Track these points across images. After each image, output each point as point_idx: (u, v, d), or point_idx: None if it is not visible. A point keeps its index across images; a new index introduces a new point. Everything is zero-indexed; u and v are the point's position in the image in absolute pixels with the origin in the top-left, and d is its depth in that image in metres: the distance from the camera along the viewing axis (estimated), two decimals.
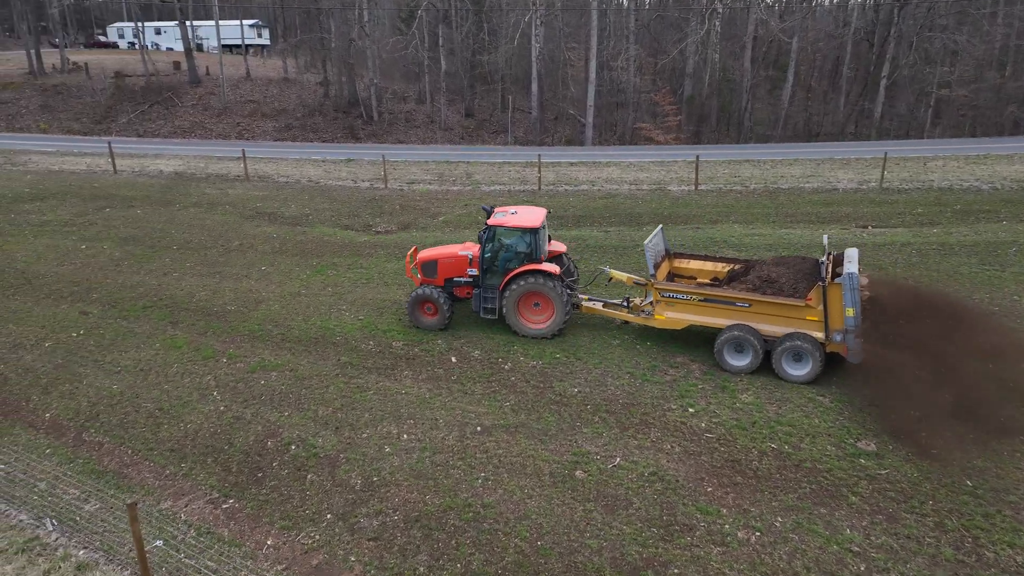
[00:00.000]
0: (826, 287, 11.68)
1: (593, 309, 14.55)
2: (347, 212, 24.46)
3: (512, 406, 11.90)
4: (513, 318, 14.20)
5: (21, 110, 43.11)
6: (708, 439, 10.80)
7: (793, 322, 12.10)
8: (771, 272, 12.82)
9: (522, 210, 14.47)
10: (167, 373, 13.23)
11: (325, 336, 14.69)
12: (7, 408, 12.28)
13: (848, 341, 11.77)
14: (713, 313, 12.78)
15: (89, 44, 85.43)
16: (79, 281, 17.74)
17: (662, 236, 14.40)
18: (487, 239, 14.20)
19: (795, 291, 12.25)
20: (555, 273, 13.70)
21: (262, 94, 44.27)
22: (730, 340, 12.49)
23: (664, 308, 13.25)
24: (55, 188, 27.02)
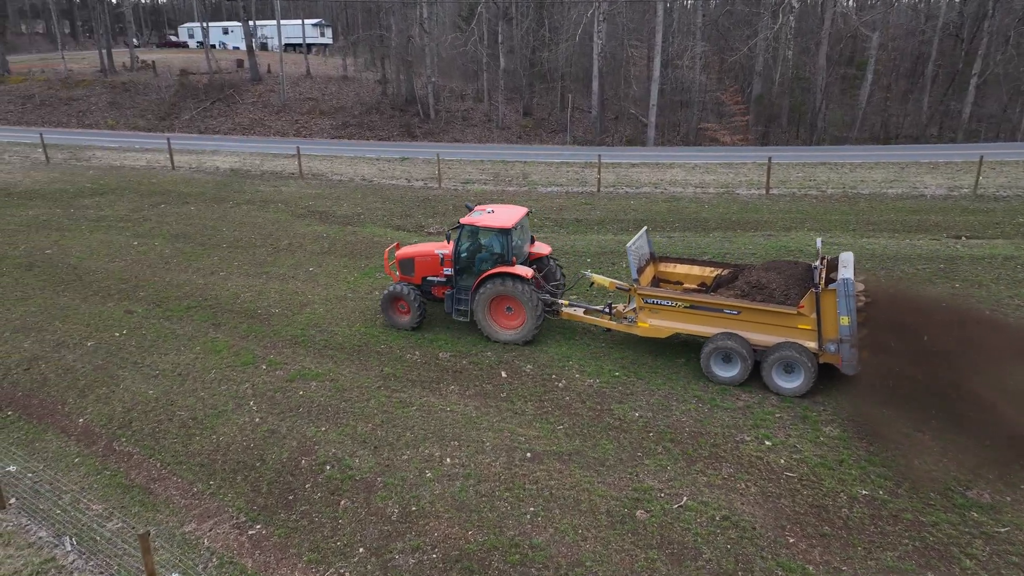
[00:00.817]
0: (819, 294, 10.83)
1: (574, 315, 13.68)
2: (399, 212, 23.78)
3: (566, 430, 10.83)
4: (483, 321, 13.65)
5: (91, 107, 44.23)
6: (788, 479, 9.50)
7: (784, 331, 11.31)
8: (761, 278, 12.04)
9: (500, 209, 13.89)
10: (204, 379, 12.64)
11: (369, 344, 13.90)
12: (43, 411, 11.88)
13: (843, 352, 10.96)
14: (700, 321, 11.97)
15: (161, 44, 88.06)
16: (127, 278, 17.47)
17: (647, 238, 13.75)
18: (459, 238, 13.72)
19: (786, 298, 11.46)
20: (526, 276, 12.98)
21: (321, 92, 44.30)
22: (717, 350, 11.71)
23: (648, 315, 12.48)
24: (114, 183, 27.22)
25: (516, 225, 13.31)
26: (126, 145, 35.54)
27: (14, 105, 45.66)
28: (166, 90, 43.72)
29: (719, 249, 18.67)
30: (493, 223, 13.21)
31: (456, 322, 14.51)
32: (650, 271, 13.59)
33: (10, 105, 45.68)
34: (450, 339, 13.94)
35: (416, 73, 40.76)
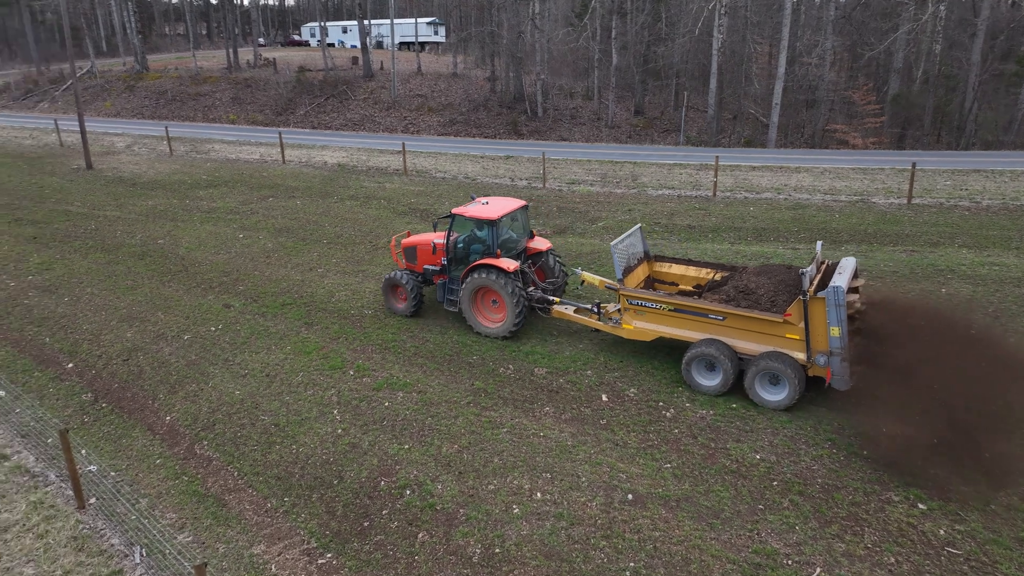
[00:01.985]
0: (807, 301, 10.10)
1: (564, 314, 13.22)
2: None
3: (674, 470, 9.49)
4: (468, 313, 13.59)
5: (216, 102, 46.36)
6: (952, 557, 7.77)
7: (772, 340, 10.68)
8: (750, 282, 11.41)
9: (493, 201, 13.79)
10: (291, 382, 12.16)
11: (461, 353, 13.03)
12: (134, 405, 11.75)
13: (833, 365, 10.18)
14: (684, 325, 11.49)
15: (285, 43, 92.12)
16: (229, 271, 17.51)
17: (640, 236, 13.23)
18: (450, 227, 13.71)
19: (773, 304, 10.84)
20: (507, 270, 12.69)
21: (430, 89, 44.38)
22: (699, 356, 11.15)
23: (632, 317, 12.05)
24: (228, 176, 27.97)
25: (504, 217, 13.12)
26: (243, 139, 36.76)
27: (149, 100, 48.60)
28: (284, 86, 45.14)
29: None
30: (480, 214, 13.05)
31: (553, 337, 13.45)
32: (643, 271, 13.10)
33: (146, 100, 48.66)
34: (546, 353, 12.85)
35: (525, 70, 39.96)
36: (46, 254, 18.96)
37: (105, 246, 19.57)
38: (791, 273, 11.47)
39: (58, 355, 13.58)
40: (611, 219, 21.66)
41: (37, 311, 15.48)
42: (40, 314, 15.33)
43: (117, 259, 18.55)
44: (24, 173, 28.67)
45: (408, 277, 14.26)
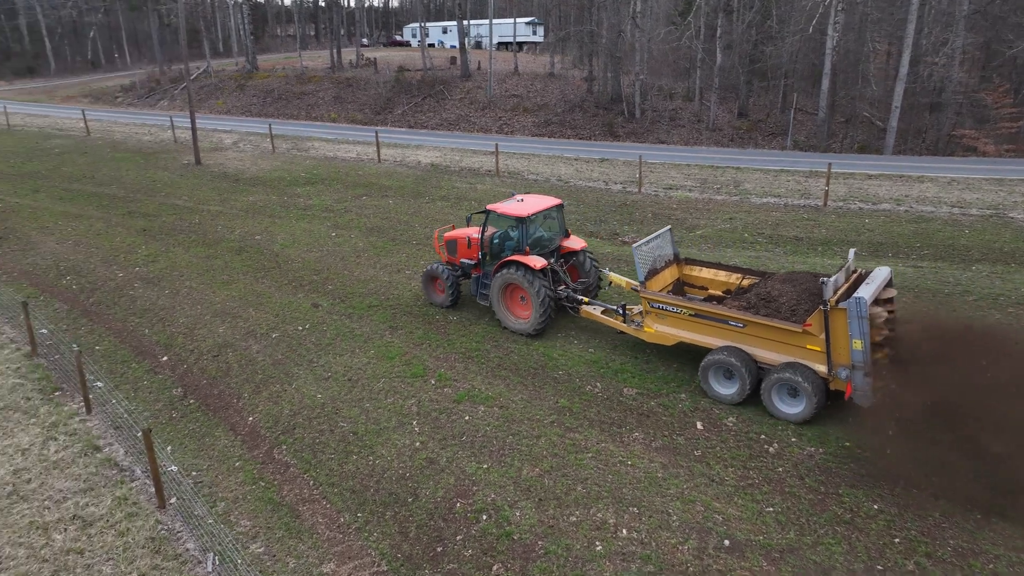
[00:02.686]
0: (828, 312, 9.67)
1: (591, 314, 13.15)
2: (593, 217, 22.16)
3: (777, 515, 8.53)
4: (497, 307, 13.75)
5: (318, 101, 47.77)
6: None
7: (793, 350, 10.30)
8: (774, 289, 10.99)
9: (528, 198, 13.96)
10: (372, 388, 11.92)
11: (546, 367, 12.42)
12: (219, 403, 11.82)
13: (855, 379, 9.67)
14: (705, 331, 11.20)
15: (387, 43, 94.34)
16: (320, 270, 17.61)
17: (669, 238, 12.96)
18: (484, 223, 13.94)
19: (793, 313, 10.40)
20: (534, 267, 12.69)
21: (526, 89, 44.02)
22: (716, 364, 10.86)
23: (654, 320, 11.86)
24: (325, 174, 28.49)
25: (534, 215, 13.20)
26: (342, 137, 37.55)
27: (257, 98, 50.68)
28: (383, 86, 45.97)
29: (987, 289, 14.85)
30: (511, 211, 13.19)
31: (644, 355, 12.62)
32: (671, 274, 12.83)
33: (254, 98, 50.78)
34: (637, 373, 12.05)
35: (624, 70, 38.90)
36: (153, 246, 19.73)
37: (206, 240, 20.18)
38: (818, 281, 10.66)
39: (154, 347, 13.93)
40: (710, 227, 20.49)
41: (140, 302, 16.02)
42: (142, 305, 15.85)
43: (216, 253, 19.06)
44: (140, 167, 30.26)
45: (446, 269, 14.62)
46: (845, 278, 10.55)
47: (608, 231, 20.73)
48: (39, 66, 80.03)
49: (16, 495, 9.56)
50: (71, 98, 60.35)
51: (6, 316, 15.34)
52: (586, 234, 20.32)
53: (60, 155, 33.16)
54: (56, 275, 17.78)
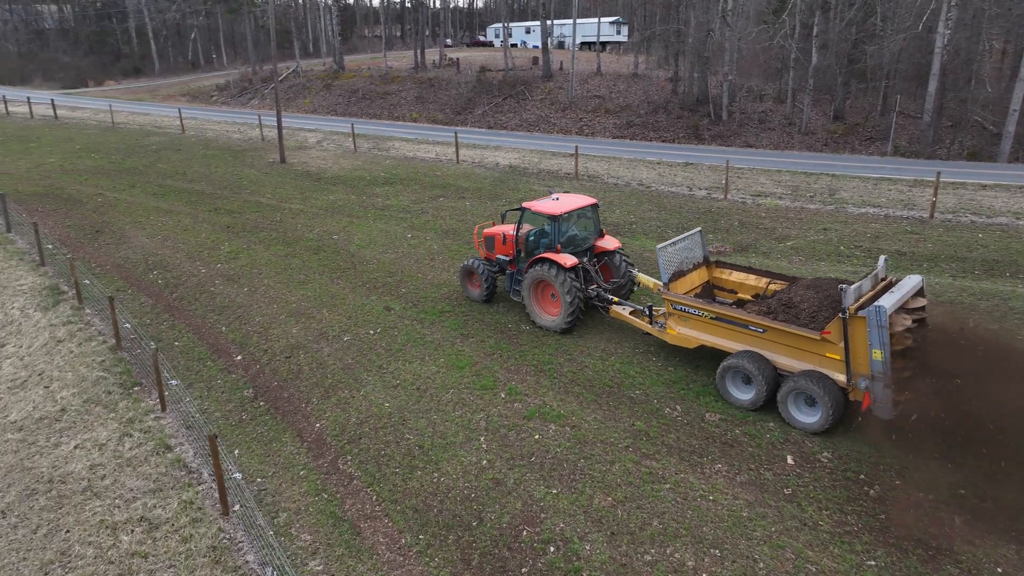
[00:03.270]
0: (847, 320, 9.44)
1: (620, 315, 13.14)
2: (676, 224, 21.22)
3: (880, 569, 7.62)
4: (528, 303, 13.92)
5: (401, 101, 48.30)
6: None
7: (812, 358, 10.10)
8: (796, 295, 10.81)
9: (564, 197, 14.09)
10: (441, 399, 11.55)
11: (622, 385, 11.75)
12: (288, 407, 11.72)
13: (874, 390, 9.37)
14: (725, 334, 11.09)
15: (470, 43, 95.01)
16: (394, 272, 17.47)
17: (699, 240, 12.90)
18: (519, 220, 14.15)
19: (813, 320, 10.18)
20: (564, 265, 12.83)
21: (608, 89, 43.10)
22: (733, 368, 10.77)
23: (677, 322, 11.85)
24: (404, 174, 28.54)
25: (567, 213, 13.35)
26: (422, 137, 37.71)
27: (343, 98, 51.74)
28: (465, 86, 46.02)
29: None
30: (544, 209, 13.36)
31: None
32: (699, 276, 12.75)
33: (339, 98, 51.87)
34: (721, 398, 11.20)
35: (711, 70, 37.45)
36: (235, 243, 20.11)
37: (286, 239, 20.42)
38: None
39: (230, 346, 14.04)
40: (802, 239, 19.23)
41: (219, 299, 16.27)
42: (222, 302, 16.08)
43: (294, 252, 19.23)
44: (229, 165, 31.20)
45: (482, 265, 14.89)
46: (871, 286, 10.28)
47: None
48: (145, 66, 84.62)
49: (90, 491, 9.67)
50: (171, 97, 63.38)
51: (96, 308, 15.83)
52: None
53: (156, 152, 34.63)
54: (144, 269, 18.32)
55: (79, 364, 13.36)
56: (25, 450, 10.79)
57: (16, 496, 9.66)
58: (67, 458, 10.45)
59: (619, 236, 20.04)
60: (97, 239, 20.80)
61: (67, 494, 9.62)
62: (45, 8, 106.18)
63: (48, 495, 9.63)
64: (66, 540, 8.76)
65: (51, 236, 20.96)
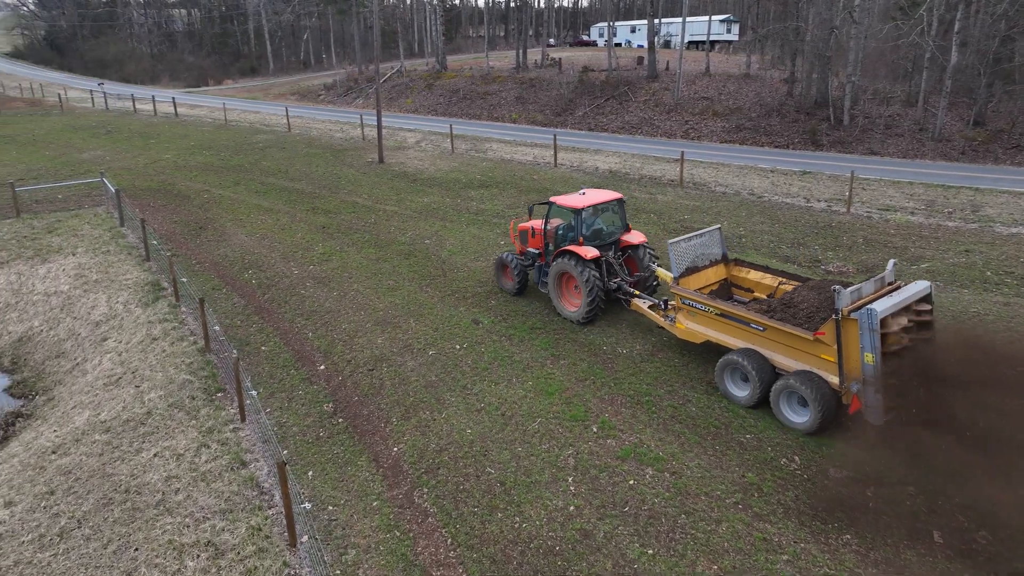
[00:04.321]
0: (839, 321, 9.31)
1: (640, 308, 13.36)
2: (790, 239, 19.42)
3: None
4: (553, 295, 14.36)
5: (501, 101, 47.78)
6: None
7: (808, 358, 10.04)
8: (798, 295, 10.83)
9: (591, 192, 14.47)
10: (526, 429, 10.63)
11: (730, 426, 10.43)
12: (367, 426, 11.12)
13: (865, 394, 9.18)
14: (728, 331, 11.25)
15: (573, 43, 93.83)
16: (485, 282, 16.70)
17: (718, 238, 13.10)
18: (547, 214, 14.63)
19: (809, 320, 10.08)
20: (585, 257, 13.22)
21: (717, 91, 40.89)
22: (730, 364, 10.89)
23: (685, 317, 12.09)
24: (500, 177, 27.84)
25: (590, 207, 13.72)
26: (520, 139, 36.97)
27: (443, 98, 51.85)
28: (566, 86, 44.96)
29: None
30: (569, 203, 13.79)
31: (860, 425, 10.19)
32: (715, 273, 12.92)
33: (440, 98, 52.01)
34: (849, 447, 9.70)
35: (833, 71, 34.68)
36: (329, 244, 19.97)
37: (378, 241, 20.10)
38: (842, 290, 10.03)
39: (314, 353, 13.67)
40: (939, 261, 17.06)
41: (308, 303, 16.02)
42: (310, 306, 15.82)
43: (385, 256, 18.84)
44: (329, 164, 31.55)
45: (515, 258, 15.41)
46: (875, 289, 10.15)
47: (808, 256, 17.96)
48: (260, 66, 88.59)
49: (163, 506, 9.37)
50: (282, 96, 65.79)
51: (191, 308, 15.93)
52: (781, 258, 17.75)
53: (262, 150, 35.58)
54: (240, 268, 18.42)
55: (169, 365, 13.33)
56: (109, 454, 10.70)
57: (93, 505, 9.49)
58: (145, 467, 10.24)
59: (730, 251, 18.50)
60: (200, 235, 21.22)
61: (141, 507, 9.35)
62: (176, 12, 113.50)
63: (123, 506, 9.39)
64: (134, 560, 8.43)
65: (158, 231, 21.57)
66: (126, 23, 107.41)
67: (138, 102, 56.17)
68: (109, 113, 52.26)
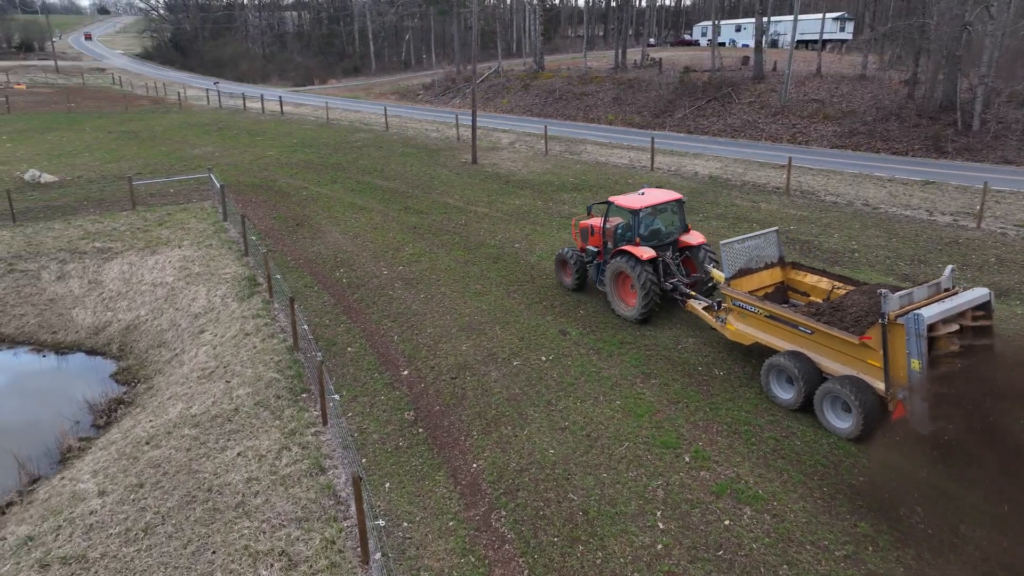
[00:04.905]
0: (886, 326, 9.18)
1: (694, 309, 13.31)
2: (910, 255, 17.80)
3: None
4: (610, 294, 14.47)
5: (597, 102, 46.90)
6: None
7: (855, 363, 9.90)
8: (848, 300, 10.52)
9: (650, 192, 14.54)
10: (613, 453, 9.99)
11: (841, 465, 9.43)
12: (447, 438, 10.78)
13: (912, 402, 8.99)
14: (777, 333, 11.06)
15: (674, 43, 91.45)
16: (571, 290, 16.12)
17: (774, 240, 12.77)
18: (606, 213, 14.76)
19: (856, 324, 9.87)
20: (641, 257, 13.33)
21: (829, 93, 38.47)
22: (776, 366, 10.77)
23: (736, 318, 11.92)
24: (594, 180, 27.11)
25: (648, 207, 13.81)
26: (615, 141, 36.03)
27: (539, 98, 51.49)
28: (666, 87, 43.57)
29: None
30: (626, 203, 13.96)
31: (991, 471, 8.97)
32: (770, 276, 12.78)
33: (536, 98, 51.67)
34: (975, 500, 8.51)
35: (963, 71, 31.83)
36: (419, 245, 19.92)
37: (468, 244, 19.88)
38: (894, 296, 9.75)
39: (399, 357, 13.50)
40: None
41: (396, 304, 15.93)
42: (397, 308, 15.72)
43: (474, 259, 18.58)
44: (423, 163, 31.76)
45: (575, 254, 15.70)
46: (928, 294, 9.93)
47: (930, 276, 16.33)
48: (363, 66, 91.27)
49: (242, 508, 9.34)
50: (383, 95, 67.38)
51: (283, 304, 16.17)
52: (899, 276, 16.25)
53: (360, 148, 36.30)
54: (332, 266, 18.62)
55: (258, 361, 13.49)
56: (196, 449, 10.83)
57: (177, 502, 9.57)
58: (228, 466, 10.29)
59: (838, 264, 17.14)
60: (296, 232, 21.67)
61: (221, 508, 9.35)
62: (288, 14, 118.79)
63: (205, 506, 9.43)
64: (211, 563, 8.39)
65: (258, 227, 22.20)
66: (242, 25, 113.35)
67: (248, 100, 58.84)
68: (221, 111, 54.98)
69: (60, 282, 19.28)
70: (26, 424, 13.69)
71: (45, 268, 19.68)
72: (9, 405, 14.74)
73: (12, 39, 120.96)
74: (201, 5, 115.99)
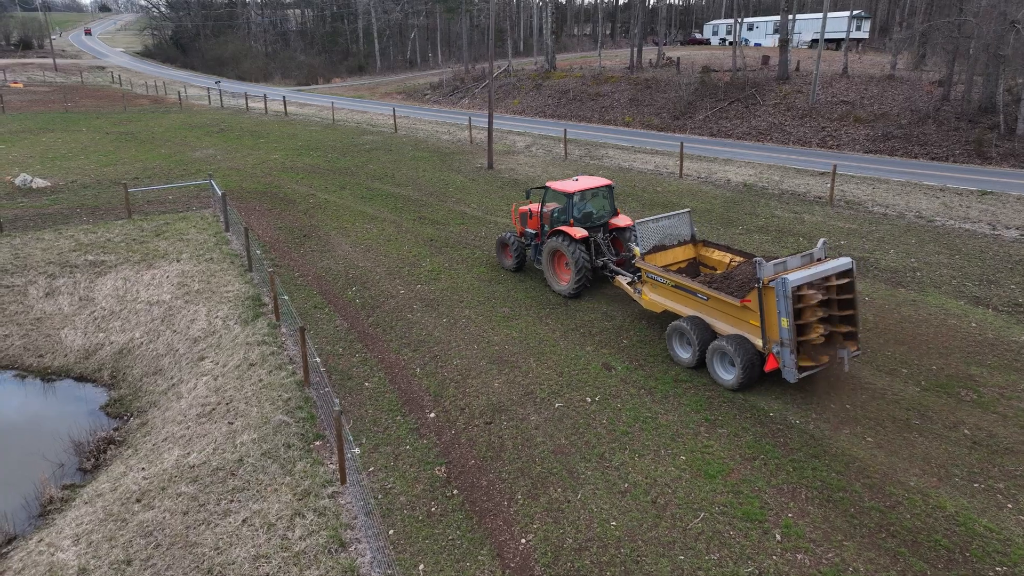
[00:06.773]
0: (760, 290, 10.68)
1: (620, 284, 14.44)
2: (978, 275, 16.19)
3: None
4: (546, 271, 15.75)
5: (613, 103, 45.19)
6: None
7: (740, 324, 11.35)
8: (739, 270, 12.14)
9: (582, 178, 15.84)
10: (687, 527, 8.40)
11: (968, 548, 7.84)
12: (487, 503, 9.19)
13: (783, 355, 10.61)
14: (682, 301, 12.55)
15: (684, 42, 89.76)
16: (613, 316, 14.55)
17: (687, 220, 14.24)
18: (543, 198, 16.20)
19: (741, 290, 11.41)
20: (574, 237, 14.56)
21: (858, 94, 36.80)
22: (676, 330, 12.26)
23: (649, 289, 13.31)
24: (620, 188, 25.32)
25: (581, 192, 15.07)
26: (637, 145, 34.34)
27: (552, 98, 49.81)
28: (685, 88, 41.89)
29: None
30: (561, 187, 15.22)
31: None
32: (684, 252, 14.00)
33: (549, 99, 49.98)
34: None
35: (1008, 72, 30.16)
36: (437, 260, 18.35)
37: (490, 259, 18.29)
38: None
39: (423, 395, 11.92)
40: None
41: (416, 330, 14.36)
42: (418, 335, 14.15)
43: (498, 278, 17.00)
44: (436, 168, 30.13)
45: (514, 238, 16.76)
46: (801, 263, 11.14)
47: (1005, 299, 14.79)
48: (368, 65, 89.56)
49: None
50: (388, 95, 65.70)
51: (291, 329, 14.61)
52: (969, 300, 14.66)
53: (369, 152, 34.67)
54: (344, 284, 17.05)
55: (264, 399, 11.93)
56: (194, 513, 9.28)
57: None
58: (231, 538, 8.72)
59: (902, 289, 15.53)
60: (303, 244, 20.10)
61: None
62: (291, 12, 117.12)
63: None
64: None
65: (262, 238, 20.63)
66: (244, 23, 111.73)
67: (250, 100, 57.22)
68: (223, 111, 53.38)
69: (49, 299, 17.71)
70: (4, 467, 12.13)
71: (33, 283, 18.11)
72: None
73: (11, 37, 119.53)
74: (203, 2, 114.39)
